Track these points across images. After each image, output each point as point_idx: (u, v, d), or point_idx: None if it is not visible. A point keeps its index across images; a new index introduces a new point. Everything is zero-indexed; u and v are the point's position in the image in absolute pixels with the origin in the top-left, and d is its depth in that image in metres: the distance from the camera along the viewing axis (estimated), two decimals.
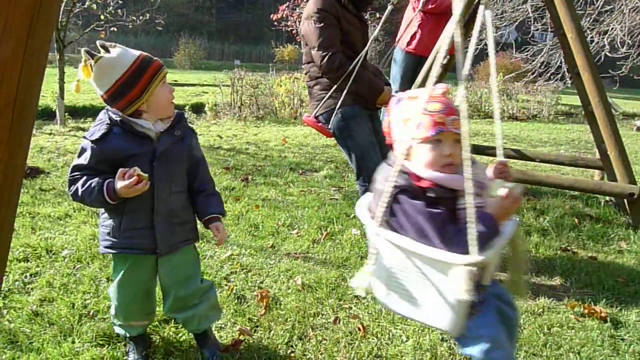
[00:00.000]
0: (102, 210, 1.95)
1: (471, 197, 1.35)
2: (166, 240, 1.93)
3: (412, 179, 1.50)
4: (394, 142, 1.65)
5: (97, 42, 1.82)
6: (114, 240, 1.92)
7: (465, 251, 1.36)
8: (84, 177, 1.82)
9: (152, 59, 1.87)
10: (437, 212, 1.43)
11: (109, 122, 1.83)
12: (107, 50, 1.81)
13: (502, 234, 1.46)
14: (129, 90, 1.81)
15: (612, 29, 8.59)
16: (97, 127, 1.84)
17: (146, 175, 1.78)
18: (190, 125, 2.08)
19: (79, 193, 1.82)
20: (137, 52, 1.86)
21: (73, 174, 1.85)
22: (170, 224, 1.93)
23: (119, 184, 1.76)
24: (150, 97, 1.84)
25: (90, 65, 1.79)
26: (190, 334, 2.23)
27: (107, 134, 1.82)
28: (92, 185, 1.80)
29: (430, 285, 1.44)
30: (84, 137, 1.85)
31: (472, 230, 1.34)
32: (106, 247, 1.95)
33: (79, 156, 1.85)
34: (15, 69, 0.77)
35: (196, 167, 2.04)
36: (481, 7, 1.56)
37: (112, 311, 2.10)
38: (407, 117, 1.55)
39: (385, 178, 1.51)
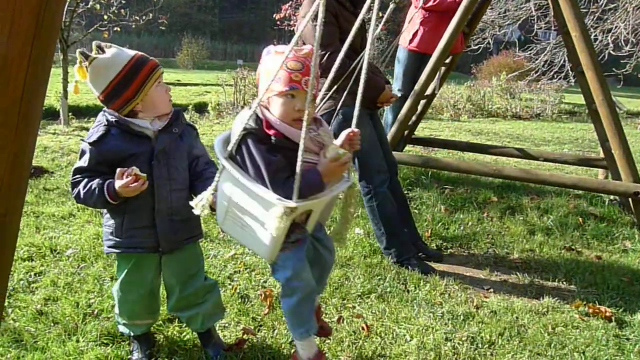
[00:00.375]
0: (105, 210, 1.96)
1: (301, 152, 1.52)
2: (168, 238, 1.93)
3: (264, 125, 1.66)
4: (258, 90, 1.76)
5: (93, 43, 1.83)
6: (117, 239, 1.93)
7: (288, 196, 1.56)
8: (85, 180, 1.84)
9: (147, 59, 1.87)
10: (274, 158, 1.63)
11: (106, 123, 1.84)
12: (102, 51, 1.81)
13: (333, 188, 1.71)
14: (123, 90, 1.81)
15: (616, 27, 8.56)
16: (95, 129, 1.85)
17: (144, 175, 1.79)
18: (190, 122, 2.07)
19: (81, 195, 1.83)
20: (132, 52, 1.86)
21: (74, 177, 1.86)
22: (171, 222, 1.93)
23: (117, 184, 1.77)
24: (145, 97, 1.85)
25: (85, 66, 1.80)
26: (194, 333, 2.23)
27: (105, 136, 1.83)
28: (93, 187, 1.81)
29: (255, 218, 1.64)
30: (82, 140, 1.86)
31: (297, 181, 1.55)
32: (110, 247, 1.96)
33: (80, 159, 1.86)
34: (22, 69, 0.78)
35: (196, 163, 2.03)
36: None
37: (116, 310, 2.11)
38: (269, 69, 1.68)
39: (241, 119, 1.66)
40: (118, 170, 1.78)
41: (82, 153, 1.85)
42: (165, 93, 1.92)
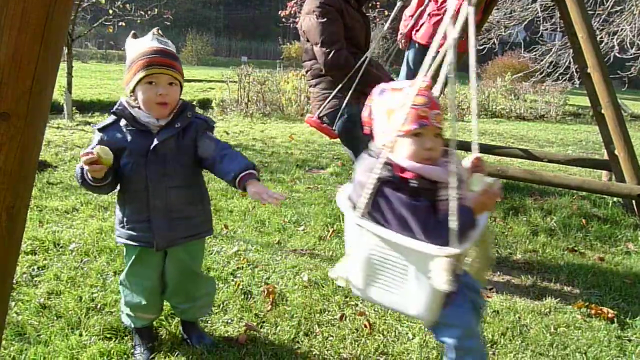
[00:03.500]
0: (116, 200, 1.99)
1: (455, 191, 1.39)
2: (163, 235, 1.91)
3: (395, 170, 1.53)
4: (375, 133, 1.65)
5: (154, 30, 1.91)
6: (121, 230, 1.96)
7: (445, 242, 1.41)
8: None
9: (148, 56, 1.81)
10: (420, 204, 1.47)
11: (117, 109, 1.87)
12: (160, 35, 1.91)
13: (477, 226, 1.52)
14: (125, 76, 1.87)
15: (621, 29, 8.52)
16: (109, 117, 1.90)
17: (106, 157, 1.72)
18: (202, 116, 1.99)
19: (76, 176, 1.84)
20: (150, 46, 1.84)
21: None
22: (169, 219, 1.91)
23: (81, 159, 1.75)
24: (136, 91, 1.84)
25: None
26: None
27: (111, 125, 1.87)
28: (76, 172, 1.83)
29: (409, 275, 1.49)
30: (93, 125, 1.91)
31: (454, 223, 1.39)
32: (117, 236, 2.00)
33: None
34: (32, 60, 0.78)
35: (208, 149, 1.91)
36: (465, 3, 1.60)
37: (122, 300, 2.13)
38: (390, 108, 1.57)
39: (368, 169, 1.53)
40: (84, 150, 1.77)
41: (93, 138, 1.89)
42: (154, 95, 1.80)
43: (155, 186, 1.87)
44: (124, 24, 9.31)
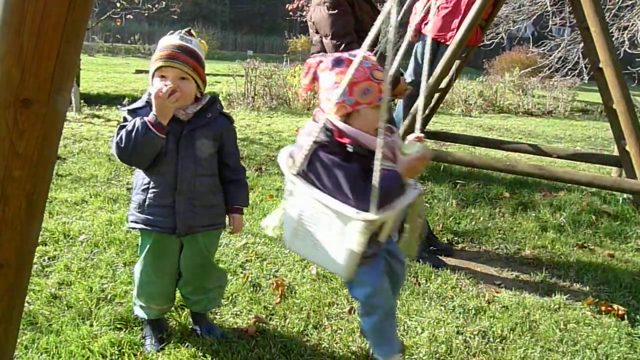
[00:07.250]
0: (134, 186, 2.00)
1: (379, 161, 1.46)
2: (185, 221, 1.94)
3: (335, 135, 1.61)
4: (323, 98, 1.68)
5: (185, 29, 1.96)
6: (138, 215, 1.96)
7: (368, 208, 1.50)
8: None
9: (167, 51, 1.85)
10: (350, 166, 1.57)
11: (147, 99, 1.91)
12: (190, 35, 1.95)
13: (405, 196, 1.62)
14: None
15: (632, 24, 8.44)
16: (138, 101, 1.93)
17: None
18: (226, 112, 2.08)
19: (123, 138, 1.80)
20: (171, 42, 1.88)
21: (118, 132, 1.85)
22: (192, 206, 1.94)
23: (154, 99, 1.78)
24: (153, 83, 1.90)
25: None
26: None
27: (142, 108, 1.89)
28: (134, 123, 1.81)
29: (331, 233, 1.60)
30: (120, 107, 1.94)
31: (375, 190, 1.47)
32: (131, 222, 1.99)
33: (123, 121, 1.89)
34: (54, 47, 0.78)
35: (227, 157, 2.05)
36: None
37: (135, 291, 2.13)
38: (353, 78, 1.57)
39: (308, 133, 1.62)
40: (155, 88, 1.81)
41: (124, 119, 1.89)
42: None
43: (184, 171, 1.91)
44: (131, 17, 9.31)
